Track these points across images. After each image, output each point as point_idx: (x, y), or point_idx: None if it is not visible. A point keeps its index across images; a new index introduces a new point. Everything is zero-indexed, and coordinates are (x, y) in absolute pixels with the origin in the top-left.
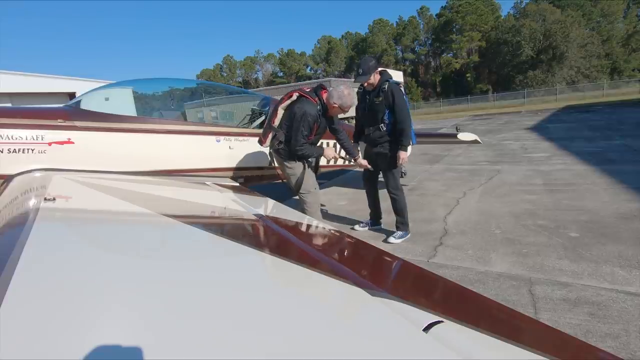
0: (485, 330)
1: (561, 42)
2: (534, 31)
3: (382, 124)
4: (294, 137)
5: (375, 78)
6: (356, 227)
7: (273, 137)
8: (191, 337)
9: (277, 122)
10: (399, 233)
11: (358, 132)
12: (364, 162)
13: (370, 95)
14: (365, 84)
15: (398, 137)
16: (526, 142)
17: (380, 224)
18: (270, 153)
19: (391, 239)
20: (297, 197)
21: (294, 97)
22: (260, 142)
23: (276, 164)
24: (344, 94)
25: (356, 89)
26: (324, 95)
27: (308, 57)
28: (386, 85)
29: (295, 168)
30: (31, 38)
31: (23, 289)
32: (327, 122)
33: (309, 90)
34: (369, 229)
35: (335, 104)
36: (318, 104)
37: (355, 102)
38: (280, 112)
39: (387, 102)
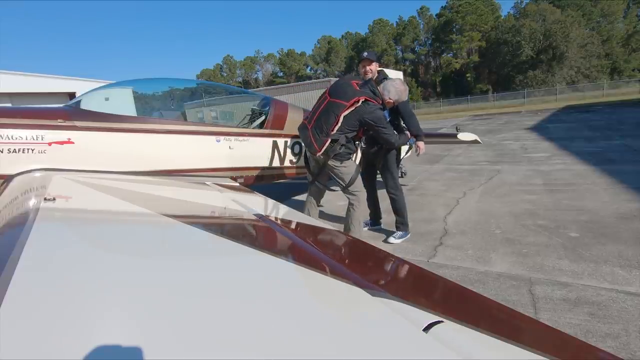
0: (485, 330)
1: (561, 42)
2: (534, 31)
3: None
4: (389, 137)
5: (375, 71)
6: None
7: (332, 144)
8: (191, 337)
9: (336, 129)
10: (399, 233)
11: None
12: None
13: None
14: (368, 71)
15: (412, 133)
16: (526, 142)
17: (380, 224)
18: (306, 156)
19: (391, 239)
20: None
21: (360, 103)
22: (314, 152)
23: (325, 168)
24: (401, 90)
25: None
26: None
27: (308, 57)
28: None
29: (351, 166)
30: (31, 38)
31: (23, 289)
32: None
33: (362, 86)
34: (368, 229)
35: (391, 99)
36: (380, 106)
37: (406, 98)
38: (341, 119)
39: None
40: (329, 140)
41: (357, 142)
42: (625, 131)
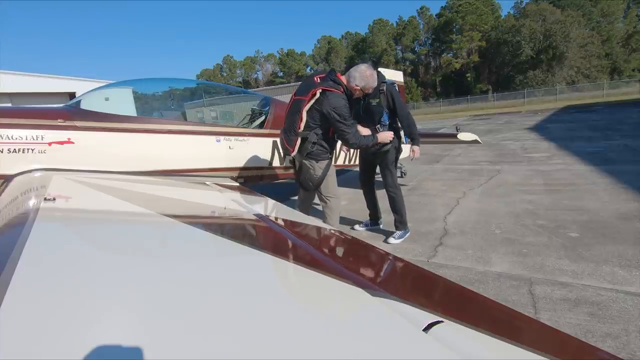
0: (485, 330)
1: (561, 42)
2: (534, 31)
3: (379, 126)
4: (347, 135)
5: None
6: (356, 227)
7: (302, 142)
8: (191, 337)
9: (302, 126)
10: (399, 233)
11: None
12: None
13: (365, 96)
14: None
15: (409, 136)
16: (526, 142)
17: (379, 224)
18: (292, 160)
19: (391, 240)
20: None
21: (317, 94)
22: (288, 152)
23: (302, 169)
24: (366, 75)
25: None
26: (343, 80)
27: (308, 57)
28: (384, 87)
29: (327, 168)
30: (31, 38)
31: (23, 289)
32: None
33: (324, 78)
34: (368, 229)
35: (357, 86)
36: (344, 95)
37: (376, 83)
38: (304, 114)
39: (387, 104)
40: (299, 139)
41: (335, 141)
42: (625, 131)
